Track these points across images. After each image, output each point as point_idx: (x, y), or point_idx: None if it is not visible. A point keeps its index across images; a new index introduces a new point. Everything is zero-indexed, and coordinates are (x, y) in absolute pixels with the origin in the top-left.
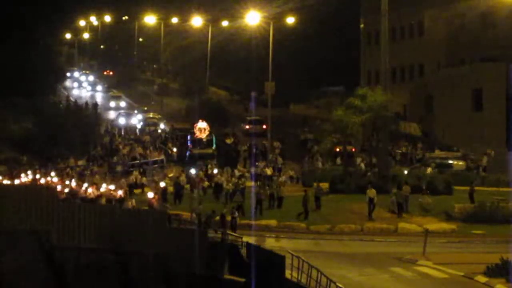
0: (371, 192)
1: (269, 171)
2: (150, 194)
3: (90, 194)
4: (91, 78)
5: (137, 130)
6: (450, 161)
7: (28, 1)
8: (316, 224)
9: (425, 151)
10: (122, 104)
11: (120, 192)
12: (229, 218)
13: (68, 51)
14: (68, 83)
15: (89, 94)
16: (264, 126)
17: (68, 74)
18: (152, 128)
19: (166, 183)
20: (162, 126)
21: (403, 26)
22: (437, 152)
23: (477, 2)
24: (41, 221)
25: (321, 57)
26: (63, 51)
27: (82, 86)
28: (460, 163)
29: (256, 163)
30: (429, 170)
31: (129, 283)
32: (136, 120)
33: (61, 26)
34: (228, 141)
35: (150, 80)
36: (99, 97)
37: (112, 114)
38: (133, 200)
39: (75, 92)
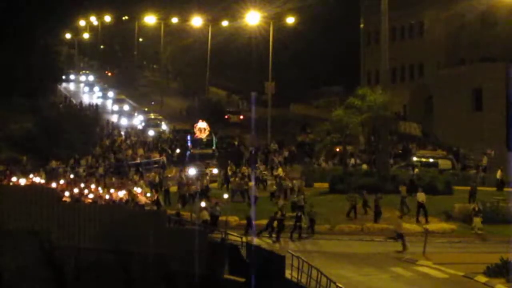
0: (421, 196)
1: (280, 171)
2: (203, 204)
3: (121, 198)
4: (91, 78)
5: (139, 131)
6: (435, 160)
7: (28, 1)
8: (316, 224)
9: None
10: (126, 107)
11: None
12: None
13: (68, 51)
14: (73, 86)
15: (100, 100)
16: (241, 117)
17: (71, 77)
18: (158, 129)
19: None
20: (164, 127)
21: (403, 26)
22: (423, 152)
23: (477, 2)
24: (41, 221)
25: (321, 57)
26: (63, 51)
27: (93, 91)
28: (446, 162)
29: (257, 165)
30: (416, 170)
31: (129, 283)
32: (138, 121)
33: (61, 26)
34: (235, 142)
35: (150, 80)
36: (109, 104)
37: (115, 117)
38: (179, 205)
39: (86, 97)
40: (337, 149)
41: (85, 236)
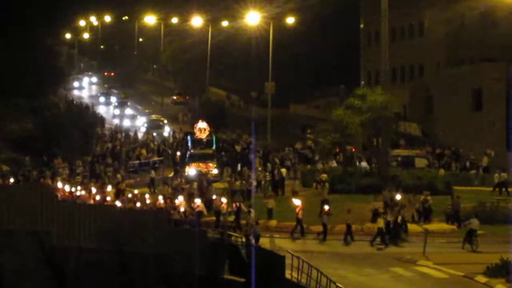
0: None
1: (284, 172)
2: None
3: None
4: (94, 79)
5: (139, 133)
6: (410, 159)
7: (28, 1)
8: (316, 224)
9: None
10: (128, 111)
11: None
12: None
13: (68, 51)
14: (82, 92)
15: (116, 110)
16: (187, 97)
17: (83, 84)
18: (161, 131)
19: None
20: (167, 128)
21: (403, 26)
22: (399, 150)
23: (477, 2)
24: (41, 221)
25: (321, 57)
26: (63, 51)
27: (111, 102)
28: (423, 160)
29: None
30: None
31: (129, 283)
32: (141, 122)
33: (61, 26)
34: (237, 147)
35: (150, 80)
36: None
37: (116, 120)
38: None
39: (102, 107)
40: (337, 149)
41: (85, 236)
